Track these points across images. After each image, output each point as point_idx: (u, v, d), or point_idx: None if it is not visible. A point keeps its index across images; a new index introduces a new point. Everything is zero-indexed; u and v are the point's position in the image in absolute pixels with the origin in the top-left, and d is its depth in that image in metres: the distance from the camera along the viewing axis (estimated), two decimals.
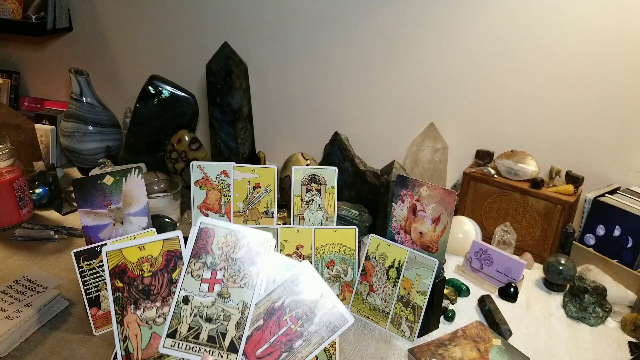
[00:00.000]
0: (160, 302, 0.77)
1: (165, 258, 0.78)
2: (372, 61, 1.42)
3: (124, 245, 0.78)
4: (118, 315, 0.76)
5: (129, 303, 0.77)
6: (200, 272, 0.76)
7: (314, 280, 0.74)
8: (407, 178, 1.00)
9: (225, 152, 1.38)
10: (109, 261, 0.77)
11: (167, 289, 0.78)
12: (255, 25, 1.51)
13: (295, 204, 1.10)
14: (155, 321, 0.77)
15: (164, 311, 0.77)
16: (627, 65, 1.16)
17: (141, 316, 0.77)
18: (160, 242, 0.79)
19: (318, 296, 0.74)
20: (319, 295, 0.74)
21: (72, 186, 0.96)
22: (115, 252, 0.78)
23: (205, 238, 0.77)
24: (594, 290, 1.04)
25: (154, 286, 0.78)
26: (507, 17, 1.23)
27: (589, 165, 1.27)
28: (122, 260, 0.78)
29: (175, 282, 0.78)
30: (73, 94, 1.51)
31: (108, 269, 0.77)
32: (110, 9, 1.69)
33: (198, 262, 0.77)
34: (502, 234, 1.22)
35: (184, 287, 0.76)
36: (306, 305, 0.74)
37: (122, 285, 0.77)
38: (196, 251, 0.77)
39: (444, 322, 1.04)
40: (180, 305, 0.76)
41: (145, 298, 0.77)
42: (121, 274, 0.78)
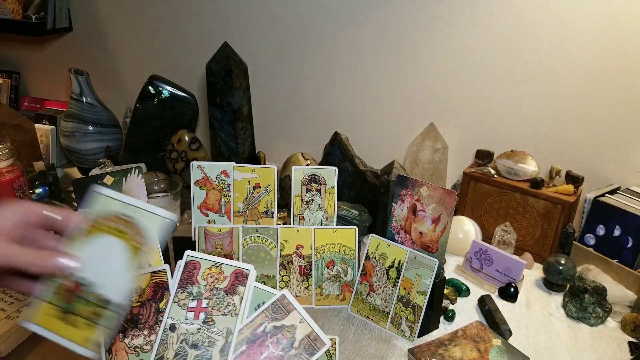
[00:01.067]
0: (148, 330, 0.81)
1: (152, 289, 0.82)
2: (373, 61, 1.42)
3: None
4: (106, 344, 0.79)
5: (117, 332, 0.79)
6: (186, 301, 0.81)
7: (293, 307, 0.79)
8: (407, 178, 1.00)
9: (225, 152, 1.38)
10: None
11: (154, 318, 0.81)
12: (255, 25, 1.51)
13: (295, 204, 1.10)
14: (142, 348, 0.80)
15: (151, 339, 0.80)
16: (627, 65, 1.16)
17: (129, 344, 0.80)
18: (148, 275, 0.82)
19: (297, 322, 0.78)
20: (298, 321, 0.78)
21: (72, 186, 0.96)
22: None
23: (191, 270, 0.81)
24: (594, 290, 1.04)
25: (142, 315, 0.81)
26: (507, 17, 1.23)
27: (589, 165, 1.27)
28: None
29: (162, 312, 0.81)
30: (73, 94, 1.51)
31: None
32: (110, 9, 1.69)
33: (184, 292, 0.81)
34: (502, 234, 1.22)
35: (171, 316, 0.80)
36: (287, 330, 0.78)
37: None
38: (182, 282, 0.81)
39: (444, 322, 1.04)
40: (167, 333, 0.79)
41: (133, 327, 0.80)
42: None
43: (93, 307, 0.67)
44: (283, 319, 0.78)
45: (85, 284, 0.67)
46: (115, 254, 0.69)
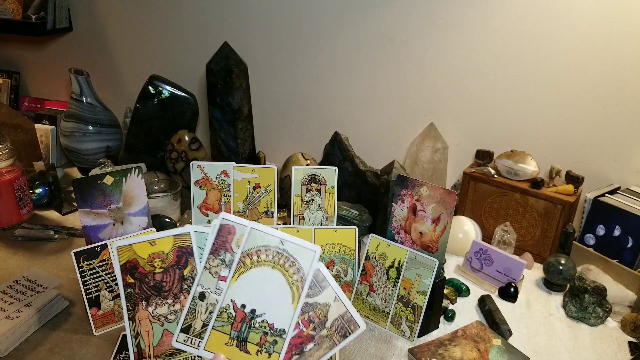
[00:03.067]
0: (172, 299, 0.77)
1: (176, 254, 0.78)
2: (373, 61, 1.42)
3: (135, 240, 0.77)
4: (130, 311, 0.76)
5: (141, 299, 0.76)
6: (218, 269, 0.77)
7: (328, 284, 0.74)
8: (407, 178, 1.00)
9: (225, 152, 1.38)
10: (120, 256, 0.77)
11: (178, 286, 0.78)
12: (255, 25, 1.51)
13: (295, 204, 1.10)
14: (167, 318, 0.77)
15: (176, 308, 0.77)
16: (627, 65, 1.16)
17: (153, 313, 0.77)
18: (171, 238, 0.79)
19: (331, 300, 0.74)
20: (332, 299, 0.74)
21: (72, 186, 0.96)
22: (126, 247, 0.77)
23: (225, 235, 0.76)
24: (594, 290, 1.04)
25: (166, 283, 0.78)
26: (507, 17, 1.23)
27: (589, 165, 1.27)
28: (133, 256, 0.77)
29: (186, 279, 0.78)
30: (73, 94, 1.51)
31: (119, 264, 0.77)
32: (110, 9, 1.69)
33: (217, 259, 0.77)
34: (502, 234, 1.22)
35: (201, 283, 0.77)
36: (319, 308, 0.74)
37: (133, 281, 0.77)
38: (215, 248, 0.77)
39: (444, 322, 1.04)
40: (196, 301, 0.76)
41: (157, 295, 0.77)
42: (132, 270, 0.77)
43: (262, 334, 0.72)
44: (316, 296, 0.74)
45: (254, 314, 0.72)
46: (276, 284, 0.73)
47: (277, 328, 0.72)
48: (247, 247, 0.75)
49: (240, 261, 0.75)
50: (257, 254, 0.75)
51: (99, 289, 0.95)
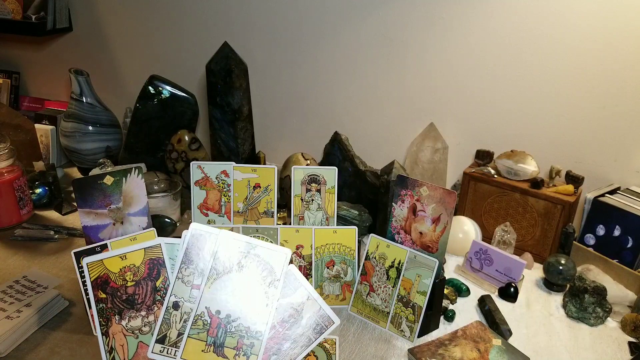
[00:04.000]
0: (146, 310, 0.77)
1: (147, 266, 0.79)
2: (373, 61, 1.42)
3: (104, 256, 0.78)
4: (103, 326, 0.76)
5: (113, 314, 0.77)
6: (190, 278, 0.77)
7: (300, 284, 0.75)
8: (407, 178, 1.00)
9: (225, 152, 1.38)
10: (90, 272, 0.77)
11: (151, 298, 0.78)
12: (255, 25, 1.51)
13: (295, 204, 1.10)
14: (141, 330, 0.77)
15: (150, 320, 0.77)
16: (627, 65, 1.16)
17: (126, 326, 0.77)
18: (142, 251, 0.79)
19: (304, 299, 0.75)
20: (305, 298, 0.75)
21: (72, 186, 0.96)
22: (96, 262, 0.78)
23: (196, 243, 0.77)
24: (594, 290, 1.04)
25: (138, 295, 0.78)
26: (507, 17, 1.23)
27: (589, 165, 1.27)
28: (104, 271, 0.78)
29: (159, 290, 0.78)
30: (73, 94, 1.51)
31: (90, 280, 0.77)
32: (110, 9, 1.69)
33: (189, 268, 0.77)
34: (502, 234, 1.22)
35: (174, 293, 0.77)
36: (293, 308, 0.75)
37: (105, 296, 0.77)
38: (187, 257, 0.78)
39: (444, 322, 1.04)
40: (170, 311, 0.76)
41: (129, 308, 0.77)
42: (104, 285, 0.78)
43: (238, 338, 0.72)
44: (289, 296, 0.75)
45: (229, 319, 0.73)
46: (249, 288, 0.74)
47: (254, 330, 0.73)
48: (219, 254, 0.75)
49: (212, 268, 0.75)
50: (229, 260, 0.75)
51: None
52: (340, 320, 0.75)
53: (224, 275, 0.75)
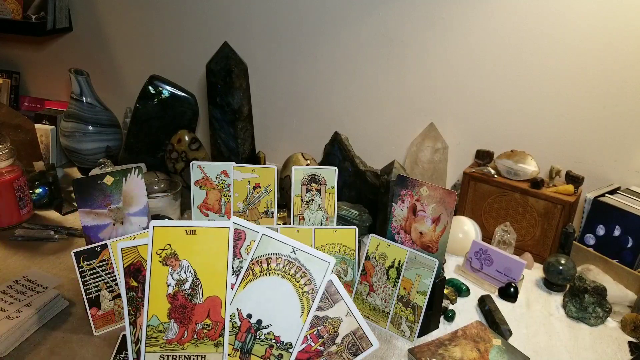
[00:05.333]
0: None
1: None
2: (373, 61, 1.42)
3: (140, 242, 0.75)
4: (131, 316, 0.73)
5: (143, 304, 0.73)
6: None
7: (341, 297, 0.71)
8: (407, 178, 1.00)
9: (225, 152, 1.38)
10: (124, 259, 0.74)
11: None
12: (255, 25, 1.51)
13: (295, 204, 1.10)
14: None
15: None
16: (627, 65, 1.16)
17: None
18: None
19: (343, 315, 0.70)
20: (344, 314, 0.70)
21: (72, 186, 0.96)
22: (130, 249, 0.74)
23: (235, 240, 0.73)
24: (594, 290, 1.04)
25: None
26: (507, 17, 1.23)
27: (589, 165, 1.27)
28: (138, 259, 0.75)
29: None
30: (73, 94, 1.51)
31: (123, 266, 0.73)
32: (110, 9, 1.69)
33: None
34: (502, 234, 1.22)
35: None
36: (330, 323, 0.71)
37: (137, 285, 0.74)
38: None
39: (444, 322, 1.04)
40: None
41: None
42: (136, 273, 0.74)
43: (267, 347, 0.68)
44: (327, 309, 0.71)
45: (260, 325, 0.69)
46: (285, 295, 0.69)
47: (284, 341, 0.69)
48: (257, 254, 0.71)
49: (249, 268, 0.71)
50: (267, 262, 0.71)
51: (99, 289, 0.95)
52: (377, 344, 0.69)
53: (260, 277, 0.71)
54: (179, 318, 0.71)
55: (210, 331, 0.71)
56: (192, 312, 0.71)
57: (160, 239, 0.72)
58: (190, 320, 0.71)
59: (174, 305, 0.71)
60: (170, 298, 0.71)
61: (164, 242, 0.72)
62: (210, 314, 0.71)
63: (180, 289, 0.72)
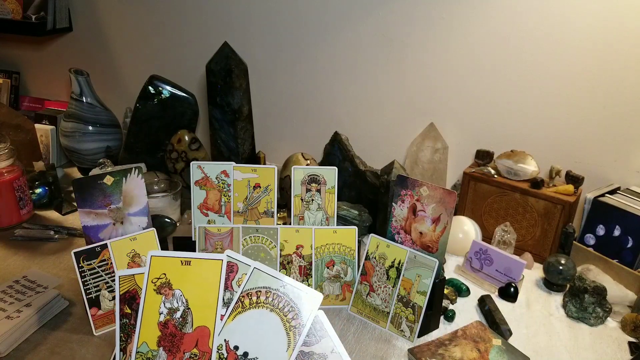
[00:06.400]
0: None
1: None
2: (373, 61, 1.42)
3: (137, 271, 0.76)
4: (122, 342, 0.74)
5: (134, 331, 0.74)
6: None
7: (326, 333, 0.72)
8: (407, 178, 1.00)
9: (225, 152, 1.38)
10: (121, 286, 0.76)
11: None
12: (255, 25, 1.51)
13: (295, 204, 1.10)
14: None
15: None
16: (627, 65, 1.16)
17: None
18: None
19: (329, 352, 0.71)
20: (330, 350, 0.71)
21: (72, 186, 0.96)
22: (128, 277, 0.76)
23: (227, 273, 0.74)
24: (594, 290, 1.04)
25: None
26: (507, 17, 1.23)
27: (589, 165, 1.27)
28: (134, 287, 0.76)
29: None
30: (73, 94, 1.51)
31: (119, 294, 0.75)
32: (110, 9, 1.69)
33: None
34: (502, 234, 1.22)
35: None
36: (315, 359, 0.71)
37: (130, 312, 0.75)
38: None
39: (444, 322, 1.04)
40: None
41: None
42: (130, 301, 0.76)
43: None
44: (313, 345, 0.71)
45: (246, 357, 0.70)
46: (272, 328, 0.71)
47: None
48: (247, 287, 0.73)
49: (239, 300, 0.73)
50: (257, 295, 0.73)
51: (99, 289, 0.95)
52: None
53: (249, 310, 0.72)
54: (168, 346, 0.73)
55: None
56: (181, 341, 0.73)
57: (157, 268, 0.74)
58: (179, 349, 0.72)
59: (164, 334, 0.73)
60: (161, 326, 0.73)
61: (160, 272, 0.74)
62: (198, 343, 0.73)
63: (171, 317, 0.73)
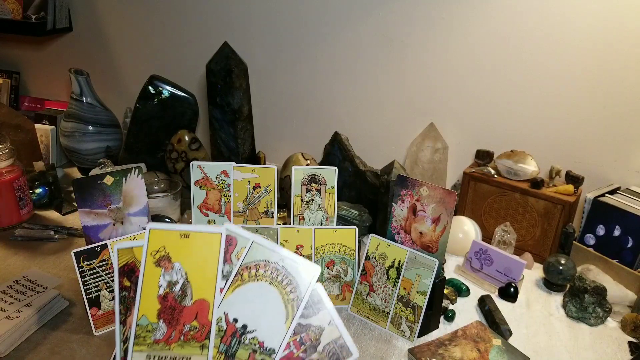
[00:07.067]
0: None
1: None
2: (373, 61, 1.42)
3: (136, 244, 0.76)
4: (122, 315, 0.75)
5: (134, 304, 0.74)
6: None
7: (324, 306, 0.72)
8: (407, 178, 1.00)
9: (225, 152, 1.38)
10: (120, 259, 0.76)
11: None
12: (255, 25, 1.51)
13: (295, 204, 1.10)
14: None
15: None
16: (627, 65, 1.16)
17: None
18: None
19: (326, 323, 0.72)
20: (327, 322, 0.72)
21: (72, 186, 0.96)
22: (126, 250, 0.76)
23: (226, 246, 0.75)
24: (594, 290, 1.04)
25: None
26: (507, 17, 1.23)
27: (589, 165, 1.27)
28: (132, 259, 0.76)
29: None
30: (73, 94, 1.51)
31: (117, 266, 0.75)
32: (110, 9, 1.69)
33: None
34: (502, 234, 1.22)
35: None
36: (312, 331, 0.72)
37: (129, 285, 0.75)
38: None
39: (444, 322, 1.04)
40: None
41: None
42: (130, 273, 0.76)
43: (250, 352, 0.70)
44: (311, 317, 0.72)
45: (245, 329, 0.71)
46: (271, 301, 0.72)
47: (267, 347, 0.71)
48: (246, 261, 0.73)
49: (238, 273, 0.73)
50: (256, 268, 0.73)
51: (99, 289, 0.95)
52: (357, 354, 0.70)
53: (248, 283, 0.73)
54: (168, 319, 0.73)
55: (197, 333, 0.72)
56: (181, 313, 0.73)
57: (156, 241, 0.73)
58: (178, 322, 0.73)
59: (164, 306, 0.73)
60: (161, 299, 0.73)
61: (159, 244, 0.73)
62: (197, 316, 0.73)
63: (170, 290, 0.73)
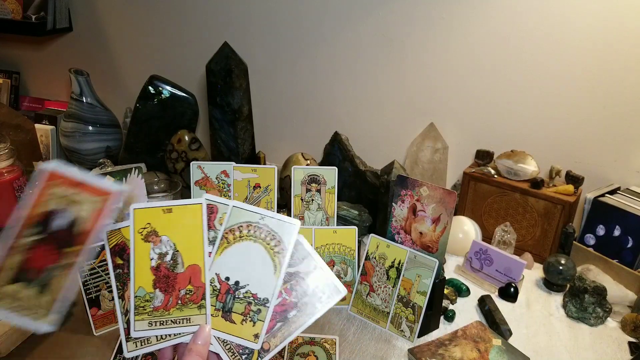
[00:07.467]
0: None
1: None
2: (372, 61, 1.42)
3: (123, 224, 0.82)
4: (119, 290, 0.80)
5: (129, 278, 0.80)
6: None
7: (308, 254, 0.79)
8: (407, 178, 1.00)
9: (225, 152, 1.38)
10: (109, 240, 0.81)
11: None
12: (255, 25, 1.51)
13: (295, 204, 1.10)
14: None
15: None
16: (627, 65, 1.16)
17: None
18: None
19: (312, 268, 0.78)
20: (313, 267, 0.78)
21: None
22: (115, 232, 0.81)
23: (208, 214, 0.80)
24: (594, 290, 1.04)
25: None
26: (507, 17, 1.23)
27: (589, 165, 1.27)
28: (122, 239, 0.82)
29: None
30: (73, 94, 1.51)
31: (109, 247, 0.81)
32: (110, 9, 1.69)
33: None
34: (502, 234, 1.22)
35: None
36: (300, 277, 0.78)
37: (122, 262, 0.81)
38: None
39: (444, 322, 1.04)
40: None
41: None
42: (121, 252, 0.82)
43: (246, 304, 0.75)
44: (297, 265, 0.78)
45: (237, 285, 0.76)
46: (258, 257, 0.77)
47: (261, 297, 0.76)
48: (229, 224, 0.79)
49: (223, 237, 0.79)
50: (240, 230, 0.79)
51: (99, 289, 0.95)
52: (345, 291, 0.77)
53: (234, 244, 0.79)
54: (164, 287, 0.79)
55: (193, 296, 0.78)
56: (175, 280, 0.79)
57: (141, 219, 0.79)
58: (174, 288, 0.78)
59: (158, 276, 0.79)
60: (154, 270, 0.79)
61: (144, 222, 0.79)
62: (191, 280, 0.79)
63: (162, 261, 0.79)
